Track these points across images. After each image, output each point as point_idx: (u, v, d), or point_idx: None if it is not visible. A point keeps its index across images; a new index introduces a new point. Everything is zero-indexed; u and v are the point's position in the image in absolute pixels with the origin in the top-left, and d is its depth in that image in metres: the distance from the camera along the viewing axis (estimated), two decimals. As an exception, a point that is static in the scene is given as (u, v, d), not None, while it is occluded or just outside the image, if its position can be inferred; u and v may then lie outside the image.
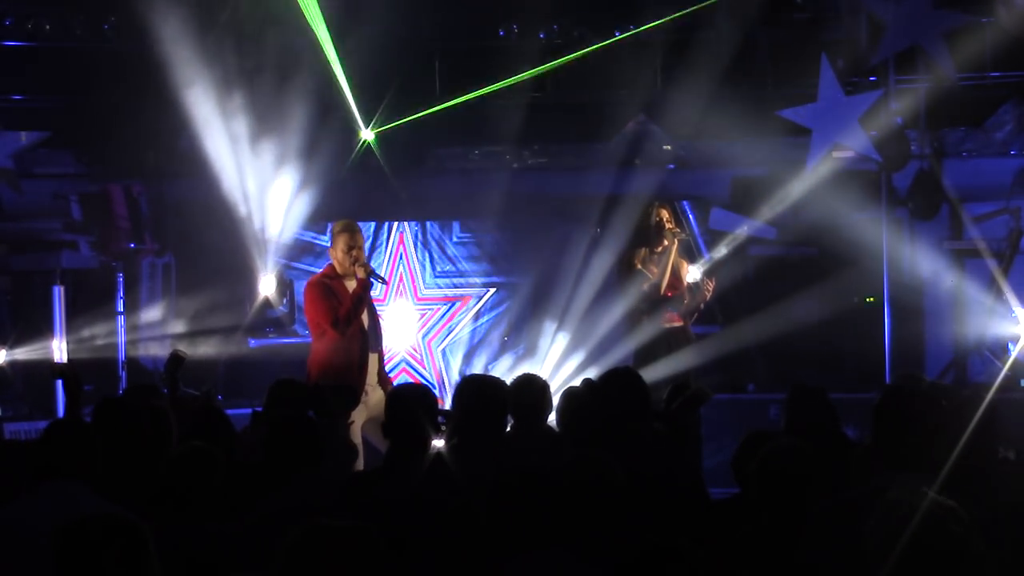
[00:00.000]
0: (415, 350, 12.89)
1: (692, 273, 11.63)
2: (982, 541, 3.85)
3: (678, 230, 9.71)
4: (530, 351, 12.50)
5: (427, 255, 12.91)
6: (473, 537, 4.52)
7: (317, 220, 12.79)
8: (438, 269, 12.94)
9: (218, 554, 5.09)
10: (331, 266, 8.95)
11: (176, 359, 8.09)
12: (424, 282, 12.85)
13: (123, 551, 3.86)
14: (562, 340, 12.21)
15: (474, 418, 6.21)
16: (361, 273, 8.84)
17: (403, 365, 12.80)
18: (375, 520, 5.24)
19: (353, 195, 12.73)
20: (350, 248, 8.86)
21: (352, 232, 8.93)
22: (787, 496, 4.72)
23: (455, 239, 13.01)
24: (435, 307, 12.96)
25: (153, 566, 3.90)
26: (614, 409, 6.33)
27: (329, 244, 9.14)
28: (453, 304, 12.98)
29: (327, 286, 8.83)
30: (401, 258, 12.82)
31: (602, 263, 12.09)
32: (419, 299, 12.87)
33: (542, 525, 4.53)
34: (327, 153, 12.54)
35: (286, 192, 12.25)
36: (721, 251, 12.03)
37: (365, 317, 8.89)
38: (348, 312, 8.74)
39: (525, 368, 11.98)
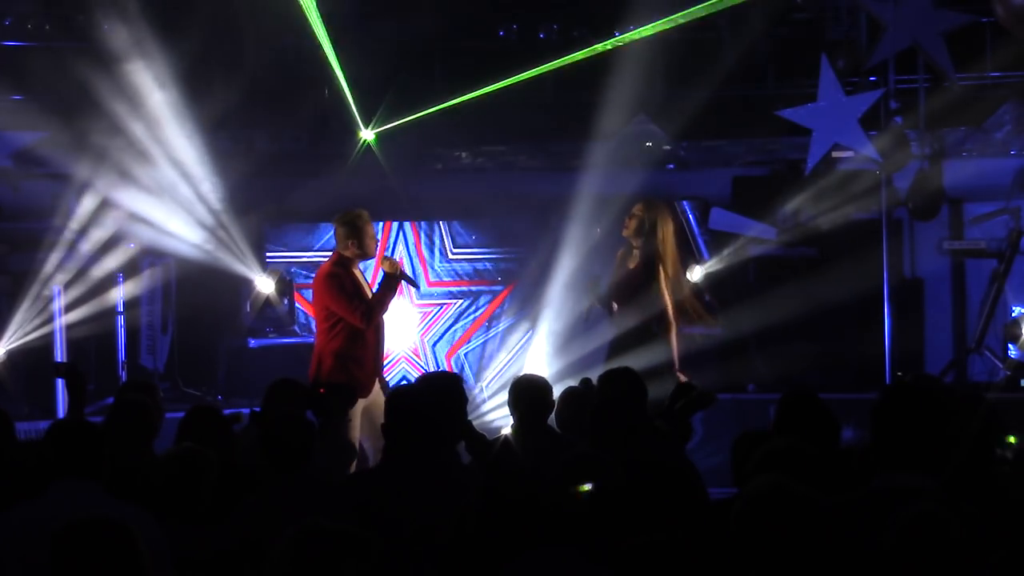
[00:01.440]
0: (415, 351, 12.89)
1: (696, 274, 11.66)
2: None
3: (626, 231, 9.44)
4: (528, 350, 12.49)
5: (426, 255, 12.91)
6: (472, 536, 4.52)
7: (317, 219, 12.81)
8: (437, 269, 12.94)
9: (207, 554, 5.09)
10: (340, 255, 8.87)
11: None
12: (424, 283, 12.85)
13: (111, 554, 3.86)
14: (560, 340, 12.20)
15: (442, 415, 6.19)
16: (387, 267, 8.84)
17: (402, 361, 12.81)
18: (372, 520, 5.26)
19: (353, 195, 12.73)
20: (374, 237, 8.90)
21: (371, 222, 8.94)
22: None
23: (454, 239, 13.01)
24: (434, 307, 12.96)
25: (144, 568, 3.90)
26: (615, 408, 6.34)
27: (342, 224, 8.88)
28: (453, 304, 12.98)
29: (346, 277, 8.77)
30: (401, 258, 12.82)
31: (602, 263, 12.09)
32: (418, 299, 12.87)
33: (541, 525, 4.53)
34: (326, 152, 12.56)
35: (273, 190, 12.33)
36: (724, 257, 12.07)
37: None
38: (379, 304, 8.74)
39: (523, 368, 11.99)
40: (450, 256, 12.97)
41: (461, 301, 12.95)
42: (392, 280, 8.83)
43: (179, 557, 4.95)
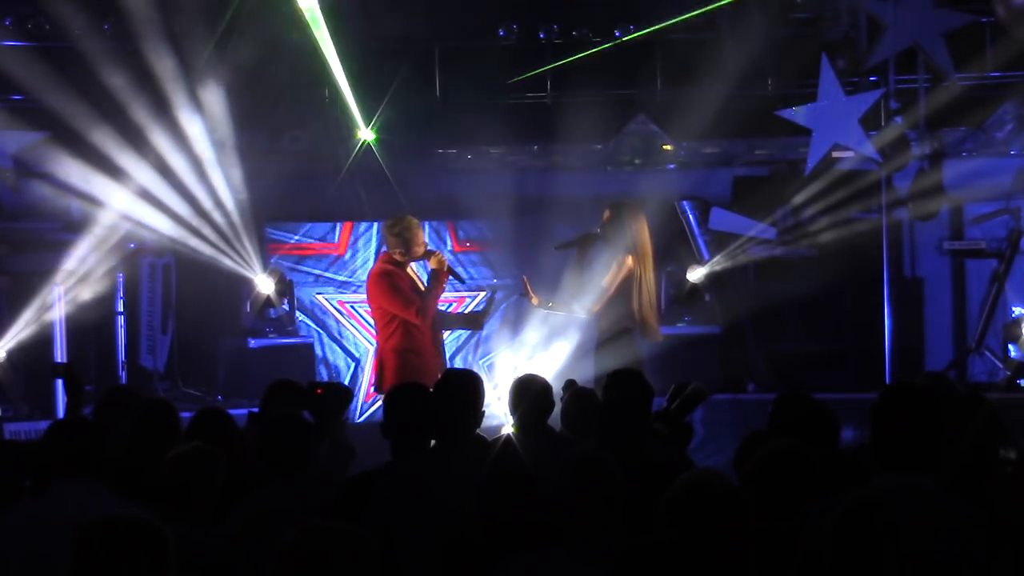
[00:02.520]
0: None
1: (697, 274, 11.64)
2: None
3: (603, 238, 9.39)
4: (527, 351, 12.47)
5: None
6: (469, 537, 4.52)
7: (316, 219, 12.81)
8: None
9: (208, 555, 5.09)
10: (390, 255, 9.03)
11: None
12: (424, 282, 12.84)
13: (147, 555, 3.85)
14: (558, 340, 12.17)
15: (455, 414, 6.18)
16: (434, 264, 9.01)
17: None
18: (372, 520, 5.25)
19: (353, 195, 12.74)
20: (423, 242, 9.09)
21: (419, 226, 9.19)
22: (784, 496, 4.72)
23: (455, 239, 13.00)
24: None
25: (173, 572, 3.89)
26: (621, 410, 6.31)
27: (391, 235, 9.08)
28: (453, 304, 12.97)
29: (397, 275, 8.94)
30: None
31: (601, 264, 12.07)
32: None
33: (539, 525, 4.53)
34: (326, 153, 12.57)
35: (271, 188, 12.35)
36: (724, 257, 12.07)
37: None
38: (430, 298, 8.96)
39: (522, 368, 11.97)
40: (448, 256, 12.94)
41: (457, 301, 12.93)
42: (439, 275, 9.03)
43: (182, 559, 4.94)
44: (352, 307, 12.79)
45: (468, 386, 6.26)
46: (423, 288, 9.08)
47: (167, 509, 5.18)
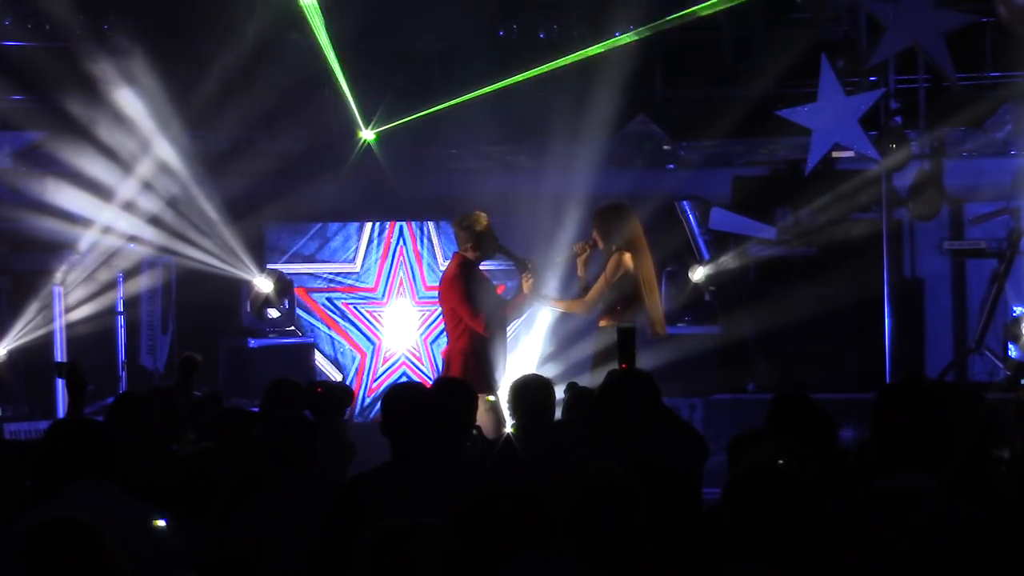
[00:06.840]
0: (415, 350, 12.89)
1: (697, 274, 11.64)
2: None
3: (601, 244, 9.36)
4: (527, 350, 12.48)
5: (427, 255, 12.91)
6: (468, 539, 4.51)
7: (315, 219, 12.82)
8: (437, 270, 12.94)
9: (216, 555, 5.10)
10: (463, 257, 9.02)
11: (190, 363, 8.09)
12: (424, 282, 12.86)
13: (83, 557, 3.87)
14: (558, 341, 12.19)
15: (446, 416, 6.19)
16: (526, 286, 9.09)
17: (403, 360, 12.82)
18: (372, 520, 5.25)
19: (353, 195, 12.74)
20: (493, 236, 9.06)
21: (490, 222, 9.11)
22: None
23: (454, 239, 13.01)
24: (435, 307, 12.96)
25: (113, 571, 3.90)
26: (618, 408, 6.30)
27: (460, 229, 9.10)
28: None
29: (471, 279, 8.94)
30: (401, 258, 12.83)
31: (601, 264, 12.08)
32: (418, 299, 12.88)
33: (534, 529, 4.51)
34: (326, 152, 12.57)
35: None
36: (724, 257, 12.08)
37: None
38: (508, 312, 9.11)
39: (523, 368, 11.97)
40: (448, 256, 12.95)
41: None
42: (525, 295, 9.10)
43: (192, 559, 4.95)
44: (353, 307, 12.81)
45: (463, 389, 6.28)
46: (497, 293, 9.16)
47: (177, 509, 5.19)
